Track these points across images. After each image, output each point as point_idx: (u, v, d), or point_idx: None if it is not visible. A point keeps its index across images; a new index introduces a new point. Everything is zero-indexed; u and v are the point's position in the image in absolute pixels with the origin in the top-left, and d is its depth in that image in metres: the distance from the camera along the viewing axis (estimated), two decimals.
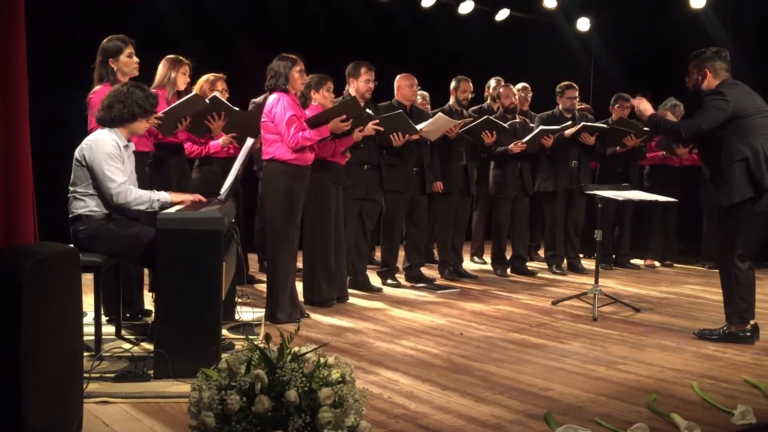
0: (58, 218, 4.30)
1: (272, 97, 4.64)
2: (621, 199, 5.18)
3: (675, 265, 7.59)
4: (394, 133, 5.46)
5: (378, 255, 6.66)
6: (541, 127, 6.50)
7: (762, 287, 5.11)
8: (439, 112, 6.08)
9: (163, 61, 4.81)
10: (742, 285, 4.25)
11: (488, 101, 7.21)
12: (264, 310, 4.77)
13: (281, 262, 4.68)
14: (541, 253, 7.55)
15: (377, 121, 5.16)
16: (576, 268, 7.02)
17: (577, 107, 7.31)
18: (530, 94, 7.26)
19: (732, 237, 4.23)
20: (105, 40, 4.40)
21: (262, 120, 4.66)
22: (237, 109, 5.02)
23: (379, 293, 5.78)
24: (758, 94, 4.37)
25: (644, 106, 4.55)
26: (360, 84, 5.42)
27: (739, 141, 4.18)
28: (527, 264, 7.02)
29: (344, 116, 4.77)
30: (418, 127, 5.61)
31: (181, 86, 4.77)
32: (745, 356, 4.04)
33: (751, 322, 4.32)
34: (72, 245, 3.71)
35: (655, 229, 7.45)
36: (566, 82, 6.93)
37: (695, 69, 4.39)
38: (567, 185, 6.84)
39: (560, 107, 6.93)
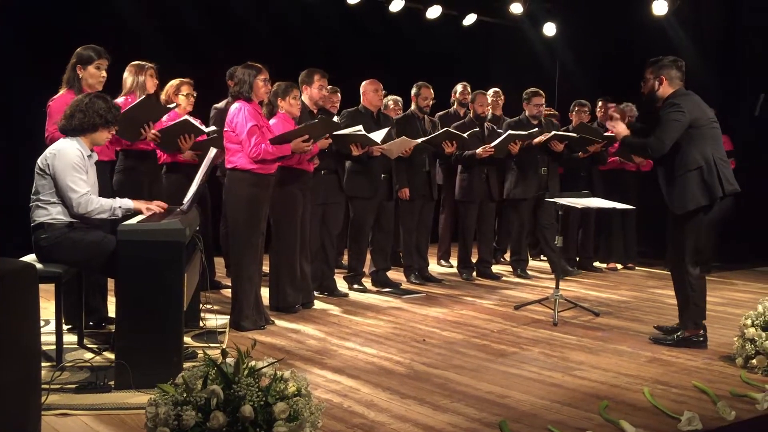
0: (18, 230, 4.27)
1: (234, 106, 4.65)
2: (580, 207, 5.28)
3: (637, 267, 7.74)
4: (354, 144, 5.50)
5: (346, 259, 6.70)
6: (509, 131, 6.51)
7: (713, 290, 5.25)
8: (404, 137, 5.97)
9: (128, 68, 4.83)
10: (696, 291, 4.38)
11: (455, 106, 7.28)
12: (229, 316, 4.79)
13: (245, 270, 4.70)
14: (507, 256, 7.65)
15: (330, 141, 5.16)
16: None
17: (545, 113, 7.41)
18: (501, 99, 7.32)
19: (684, 244, 4.35)
20: (82, 47, 4.40)
21: (224, 129, 4.67)
22: (207, 131, 5.08)
23: (345, 298, 5.82)
24: (718, 96, 4.49)
25: (618, 129, 4.67)
26: (313, 91, 5.42)
27: (694, 150, 4.30)
28: (492, 267, 7.12)
29: (306, 137, 4.78)
30: (380, 140, 5.57)
31: (151, 89, 4.81)
32: (697, 361, 4.17)
33: (703, 323, 4.45)
34: (33, 255, 3.74)
35: (616, 232, 7.58)
36: (533, 89, 6.90)
37: (652, 75, 4.50)
38: (536, 192, 6.89)
39: (526, 113, 6.94)
